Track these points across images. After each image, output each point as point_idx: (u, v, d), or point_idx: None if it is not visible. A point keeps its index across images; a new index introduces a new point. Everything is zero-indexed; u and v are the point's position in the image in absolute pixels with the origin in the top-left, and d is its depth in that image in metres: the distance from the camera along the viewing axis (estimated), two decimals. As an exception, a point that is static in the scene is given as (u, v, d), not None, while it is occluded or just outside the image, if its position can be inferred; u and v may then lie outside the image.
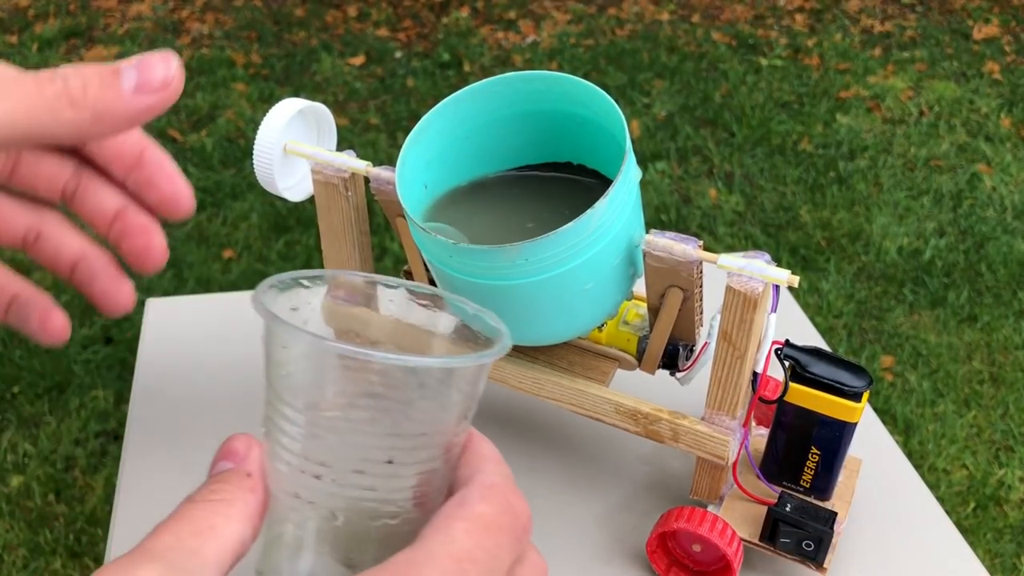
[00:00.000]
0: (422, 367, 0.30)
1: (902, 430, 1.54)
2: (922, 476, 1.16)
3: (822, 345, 0.64)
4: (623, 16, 3.07)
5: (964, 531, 1.36)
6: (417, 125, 0.43)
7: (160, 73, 0.38)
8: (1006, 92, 2.56)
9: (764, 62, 2.74)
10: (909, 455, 1.48)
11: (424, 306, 0.38)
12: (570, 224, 0.39)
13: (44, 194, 0.41)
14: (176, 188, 0.45)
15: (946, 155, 2.28)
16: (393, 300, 0.38)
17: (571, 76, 0.42)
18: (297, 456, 0.30)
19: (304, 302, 0.35)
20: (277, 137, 0.44)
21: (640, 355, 0.49)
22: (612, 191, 0.39)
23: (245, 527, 0.29)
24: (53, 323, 0.43)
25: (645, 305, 0.50)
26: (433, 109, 0.43)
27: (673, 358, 0.48)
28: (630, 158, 0.40)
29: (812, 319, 1.35)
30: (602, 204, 0.39)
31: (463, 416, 0.32)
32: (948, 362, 1.67)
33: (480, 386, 0.32)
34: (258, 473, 0.30)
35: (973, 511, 1.41)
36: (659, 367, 0.49)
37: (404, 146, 0.43)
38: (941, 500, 1.43)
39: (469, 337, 0.36)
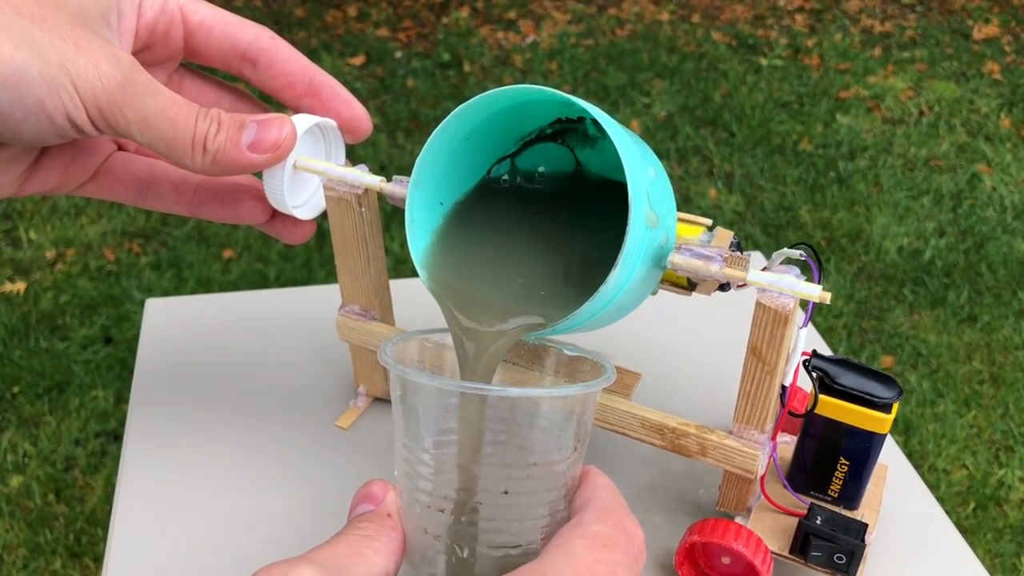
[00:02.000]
0: (523, 397, 0.33)
1: (902, 430, 1.54)
2: (922, 476, 1.16)
3: (822, 345, 0.64)
4: (623, 16, 3.07)
5: (964, 531, 1.36)
6: (414, 169, 0.41)
7: (273, 136, 0.40)
8: (1006, 92, 2.56)
9: (764, 62, 2.74)
10: (909, 455, 1.48)
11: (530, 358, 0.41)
12: (586, 304, 0.37)
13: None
14: (354, 111, 0.46)
15: (946, 155, 2.28)
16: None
17: (571, 97, 0.39)
18: (426, 493, 0.32)
19: (430, 356, 0.39)
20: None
21: (692, 287, 0.48)
22: (620, 261, 0.37)
23: (388, 560, 0.32)
24: (264, 207, 0.45)
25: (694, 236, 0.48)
26: (424, 146, 0.41)
27: (725, 287, 0.47)
28: (636, 210, 0.37)
29: (812, 319, 1.35)
30: (613, 275, 0.37)
31: (573, 448, 0.33)
32: (948, 362, 1.67)
33: (588, 418, 0.34)
34: (396, 514, 0.33)
35: (973, 511, 1.41)
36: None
37: (408, 198, 0.41)
38: (941, 500, 1.43)
39: (576, 371, 0.39)
